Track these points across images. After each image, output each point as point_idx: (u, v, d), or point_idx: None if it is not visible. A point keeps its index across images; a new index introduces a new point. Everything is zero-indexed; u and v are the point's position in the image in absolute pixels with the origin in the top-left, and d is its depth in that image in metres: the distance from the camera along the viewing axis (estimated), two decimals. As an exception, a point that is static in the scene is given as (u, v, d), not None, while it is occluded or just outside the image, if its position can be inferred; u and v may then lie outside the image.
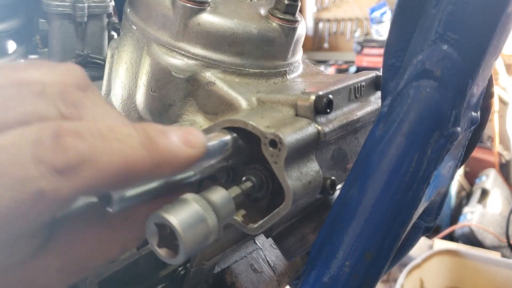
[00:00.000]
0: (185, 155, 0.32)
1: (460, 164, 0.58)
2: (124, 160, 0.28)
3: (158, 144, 0.30)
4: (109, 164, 0.28)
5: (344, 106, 0.50)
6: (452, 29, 0.42)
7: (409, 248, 0.63)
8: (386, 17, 4.97)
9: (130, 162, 0.29)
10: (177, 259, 0.33)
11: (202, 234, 0.33)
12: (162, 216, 0.32)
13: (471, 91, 0.45)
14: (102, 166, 0.28)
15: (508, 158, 3.58)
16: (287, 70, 0.57)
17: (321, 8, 6.68)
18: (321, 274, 0.45)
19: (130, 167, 0.29)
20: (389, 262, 0.45)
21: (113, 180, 0.28)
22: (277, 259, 0.69)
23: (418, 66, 0.43)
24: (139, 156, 0.29)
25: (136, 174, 0.30)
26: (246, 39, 0.52)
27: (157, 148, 0.30)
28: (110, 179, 0.28)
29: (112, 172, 0.28)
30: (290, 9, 0.53)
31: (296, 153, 0.41)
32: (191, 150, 0.33)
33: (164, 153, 0.31)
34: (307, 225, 0.52)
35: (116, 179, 0.29)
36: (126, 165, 0.29)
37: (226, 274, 0.64)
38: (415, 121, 0.43)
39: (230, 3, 0.54)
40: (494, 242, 2.92)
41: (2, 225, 0.26)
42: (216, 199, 0.36)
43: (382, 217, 0.43)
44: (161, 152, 0.30)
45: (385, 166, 0.43)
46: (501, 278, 2.30)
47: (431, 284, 2.31)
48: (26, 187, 0.26)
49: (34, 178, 0.26)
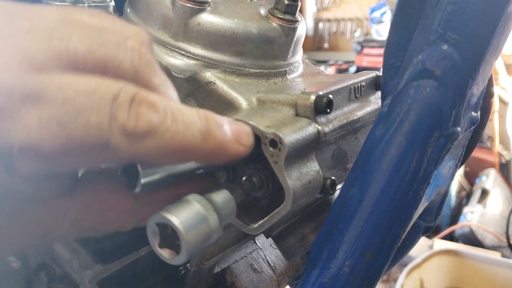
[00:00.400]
0: (234, 150, 0.35)
1: (460, 164, 0.58)
2: (183, 143, 0.31)
3: (214, 136, 0.33)
4: (170, 143, 0.31)
5: (344, 106, 0.50)
6: (452, 29, 0.42)
7: (409, 248, 0.63)
8: (386, 17, 4.97)
9: (187, 145, 0.31)
10: (178, 260, 0.33)
11: (204, 234, 0.33)
12: (164, 216, 0.32)
13: (471, 91, 0.45)
14: (164, 142, 0.30)
15: (508, 158, 3.58)
16: (287, 70, 0.57)
17: (321, 8, 6.68)
18: (321, 274, 0.45)
19: (186, 150, 0.32)
20: (389, 262, 0.45)
21: (168, 156, 0.31)
22: (277, 259, 0.69)
23: (418, 66, 0.43)
24: (196, 143, 0.32)
25: (188, 156, 0.33)
26: (246, 39, 0.52)
27: (213, 140, 0.33)
28: (166, 155, 0.31)
29: (170, 150, 0.31)
30: (290, 9, 0.53)
31: (296, 153, 0.41)
32: (240, 147, 0.36)
33: (217, 145, 0.34)
34: (307, 225, 0.52)
35: (170, 156, 0.31)
36: (183, 147, 0.31)
37: (226, 274, 0.64)
38: (415, 121, 0.43)
39: (230, 3, 0.54)
40: (494, 242, 2.92)
41: (60, 159, 0.28)
42: (217, 199, 0.36)
43: (382, 217, 0.43)
44: (215, 144, 0.33)
45: (385, 166, 0.43)
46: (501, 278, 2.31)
47: (431, 284, 2.32)
48: (97, 135, 0.28)
49: (106, 131, 0.28)
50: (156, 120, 0.30)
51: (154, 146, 0.30)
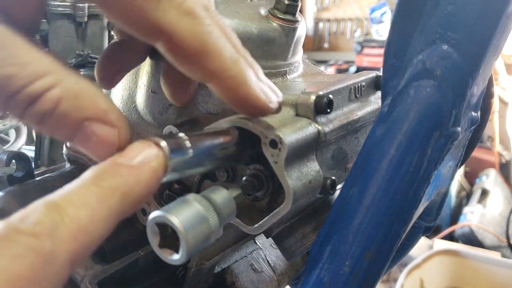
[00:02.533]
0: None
1: (460, 164, 0.58)
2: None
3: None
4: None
5: (344, 106, 0.50)
6: (452, 29, 0.42)
7: (409, 248, 0.63)
8: (386, 17, 4.97)
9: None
10: (178, 259, 0.33)
11: (204, 234, 0.33)
12: (164, 216, 0.32)
13: (471, 91, 0.45)
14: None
15: (508, 158, 3.59)
16: (287, 70, 0.57)
17: (321, 8, 6.68)
18: (321, 274, 0.45)
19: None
20: (389, 262, 0.45)
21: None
22: (277, 259, 0.69)
23: (418, 65, 0.43)
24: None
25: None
26: (246, 39, 0.52)
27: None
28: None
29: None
30: (290, 9, 0.53)
31: (296, 153, 0.41)
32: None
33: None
34: (307, 225, 0.52)
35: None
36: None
37: (226, 274, 0.64)
38: (415, 121, 0.43)
39: (230, 3, 0.54)
40: (494, 242, 2.92)
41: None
42: (218, 199, 0.36)
43: (382, 217, 0.43)
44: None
45: (385, 166, 0.43)
46: (501, 278, 2.31)
47: (431, 284, 2.32)
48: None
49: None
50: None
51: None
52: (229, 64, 0.34)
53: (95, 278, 0.54)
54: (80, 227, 0.28)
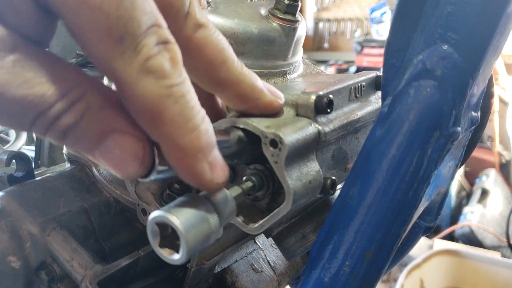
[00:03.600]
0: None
1: (460, 164, 0.58)
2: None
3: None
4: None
5: (344, 106, 0.50)
6: (452, 29, 0.42)
7: (409, 248, 0.63)
8: (386, 17, 4.97)
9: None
10: (178, 259, 0.33)
11: (204, 234, 0.33)
12: (164, 216, 0.32)
13: (471, 91, 0.45)
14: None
15: (508, 158, 3.58)
16: (287, 70, 0.57)
17: (321, 8, 6.68)
18: (321, 274, 0.45)
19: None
20: (389, 262, 0.45)
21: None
22: (277, 259, 0.69)
23: (419, 65, 0.43)
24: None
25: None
26: (246, 39, 0.52)
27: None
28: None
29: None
30: (290, 9, 0.53)
31: (296, 153, 0.41)
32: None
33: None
34: (307, 225, 0.52)
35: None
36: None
37: (226, 274, 0.64)
38: (416, 121, 0.43)
39: (231, 3, 0.54)
40: (494, 242, 2.92)
41: None
42: (218, 199, 0.36)
43: (382, 217, 0.43)
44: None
45: (385, 166, 0.43)
46: (501, 278, 2.31)
47: (431, 284, 2.32)
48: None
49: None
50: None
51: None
52: (182, 133, 0.31)
53: (95, 278, 0.54)
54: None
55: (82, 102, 0.29)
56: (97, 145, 0.31)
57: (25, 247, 0.57)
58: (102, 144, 0.31)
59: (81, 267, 0.55)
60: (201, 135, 0.32)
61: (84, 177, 0.65)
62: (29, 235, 0.57)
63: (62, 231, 0.57)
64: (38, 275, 0.57)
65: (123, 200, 0.62)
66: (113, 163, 0.31)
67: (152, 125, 0.31)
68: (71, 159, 0.68)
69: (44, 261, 0.57)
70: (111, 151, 0.31)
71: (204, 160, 0.33)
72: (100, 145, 0.31)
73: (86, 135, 0.30)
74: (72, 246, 0.56)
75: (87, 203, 0.62)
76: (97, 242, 0.61)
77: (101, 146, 0.31)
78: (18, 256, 0.57)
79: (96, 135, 0.30)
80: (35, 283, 0.58)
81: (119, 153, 0.31)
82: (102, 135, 0.31)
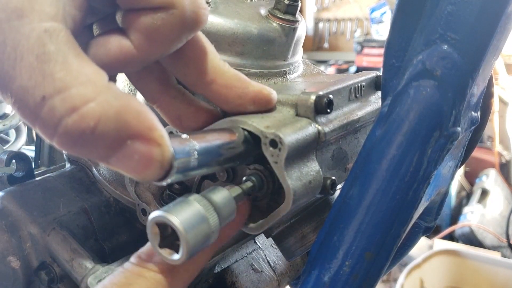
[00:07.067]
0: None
1: (460, 164, 0.58)
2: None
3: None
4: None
5: (344, 106, 0.50)
6: (452, 29, 0.42)
7: (409, 248, 0.63)
8: (386, 17, 4.97)
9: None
10: (178, 259, 0.33)
11: (204, 234, 0.33)
12: (164, 216, 0.32)
13: (471, 91, 0.45)
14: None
15: (508, 158, 3.58)
16: (287, 70, 0.57)
17: (321, 8, 6.68)
18: (321, 274, 0.45)
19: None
20: (389, 262, 0.45)
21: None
22: (277, 259, 0.69)
23: (418, 66, 0.43)
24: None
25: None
26: (246, 39, 0.52)
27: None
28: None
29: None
30: (290, 9, 0.53)
31: (296, 153, 0.41)
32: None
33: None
34: (307, 225, 0.52)
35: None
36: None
37: (226, 274, 0.64)
38: (415, 121, 0.43)
39: (231, 3, 0.54)
40: (494, 242, 2.92)
41: None
42: (218, 199, 0.36)
43: (382, 217, 0.43)
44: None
45: (385, 166, 0.43)
46: (501, 278, 2.31)
47: (431, 284, 2.32)
48: None
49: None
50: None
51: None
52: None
53: (95, 278, 0.54)
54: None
55: (97, 107, 0.28)
56: (114, 153, 0.29)
57: (25, 247, 0.57)
58: (120, 151, 0.29)
59: (81, 267, 0.55)
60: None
61: (84, 177, 0.65)
62: (29, 235, 0.57)
63: (62, 231, 0.57)
64: (38, 275, 0.57)
65: (123, 200, 0.62)
66: (133, 169, 0.30)
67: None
68: (71, 159, 0.68)
69: (44, 261, 0.57)
70: (129, 158, 0.29)
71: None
72: (117, 153, 0.29)
73: (102, 143, 0.29)
74: (72, 246, 0.56)
75: (87, 203, 0.62)
76: (97, 242, 0.61)
77: (118, 154, 0.29)
78: (18, 256, 0.57)
79: (114, 142, 0.29)
80: (35, 283, 0.58)
81: (138, 159, 0.29)
82: (120, 143, 0.29)
